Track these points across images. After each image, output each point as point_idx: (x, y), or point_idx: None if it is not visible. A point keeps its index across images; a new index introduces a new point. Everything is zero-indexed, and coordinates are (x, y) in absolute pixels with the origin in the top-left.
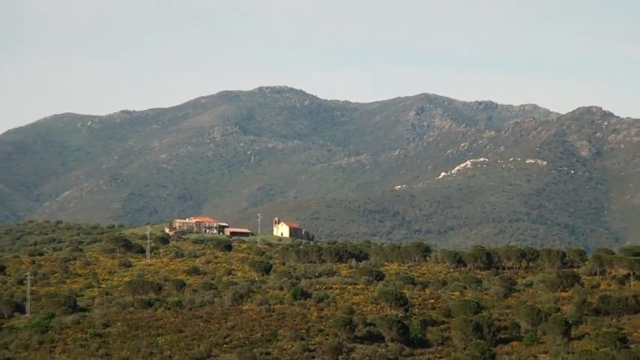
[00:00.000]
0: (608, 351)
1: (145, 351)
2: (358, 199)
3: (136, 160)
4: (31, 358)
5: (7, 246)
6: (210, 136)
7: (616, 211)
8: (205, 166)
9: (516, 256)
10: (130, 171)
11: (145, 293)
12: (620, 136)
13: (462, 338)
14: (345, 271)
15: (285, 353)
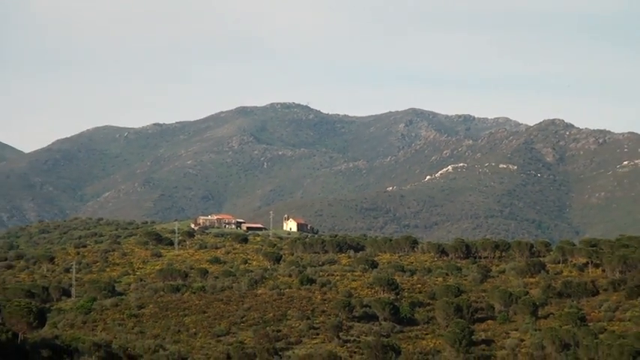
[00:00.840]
0: (570, 328)
1: (174, 329)
2: (356, 198)
3: (165, 166)
4: (76, 336)
5: (56, 239)
6: (229, 145)
7: (576, 209)
8: (225, 170)
9: (491, 247)
10: (161, 175)
11: (174, 279)
12: (580, 144)
13: (445, 317)
14: (345, 261)
15: (293, 331)
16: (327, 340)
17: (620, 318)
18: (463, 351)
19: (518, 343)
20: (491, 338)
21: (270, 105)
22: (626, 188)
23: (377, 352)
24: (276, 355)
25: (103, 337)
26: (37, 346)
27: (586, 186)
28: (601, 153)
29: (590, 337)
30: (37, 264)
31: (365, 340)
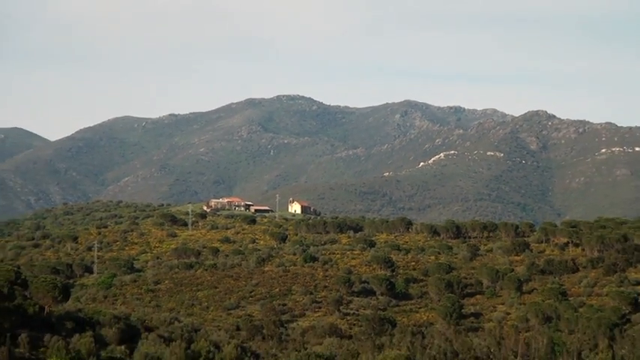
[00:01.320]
0: (552, 303)
1: (188, 303)
2: (355, 183)
3: (180, 153)
4: (98, 309)
5: (79, 220)
6: (238, 134)
7: (558, 193)
8: (235, 157)
9: (479, 228)
10: (176, 161)
11: (187, 257)
12: (561, 134)
13: (437, 292)
14: (345, 240)
15: (297, 304)
16: (328, 313)
17: (598, 293)
18: (454, 323)
19: (505, 316)
20: (480, 312)
21: (277, 97)
22: (604, 174)
23: (374, 325)
24: (281, 327)
25: (122, 311)
26: (61, 318)
27: (567, 172)
28: (581, 141)
29: (570, 311)
30: (62, 243)
31: (363, 314)
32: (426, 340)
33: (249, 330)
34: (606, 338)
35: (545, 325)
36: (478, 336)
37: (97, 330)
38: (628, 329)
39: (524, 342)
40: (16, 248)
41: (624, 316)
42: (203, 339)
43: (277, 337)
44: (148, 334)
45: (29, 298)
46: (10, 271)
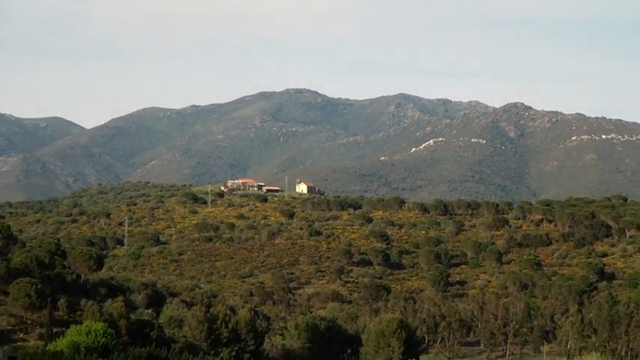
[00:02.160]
0: (528, 272)
1: (207, 271)
2: (355, 166)
3: (200, 140)
4: (128, 277)
5: (111, 199)
6: (252, 122)
7: (533, 175)
8: (249, 143)
9: (464, 206)
10: (197, 147)
11: (207, 232)
12: (537, 123)
13: (427, 263)
14: (346, 217)
15: (304, 273)
16: (331, 281)
17: (568, 264)
18: (441, 290)
19: (486, 283)
20: (464, 280)
21: (286, 90)
22: (574, 159)
23: (371, 291)
24: (289, 293)
25: (149, 278)
26: (96, 285)
27: (541, 157)
28: (554, 130)
29: (544, 280)
30: (96, 219)
31: (362, 281)
32: (417, 305)
33: (261, 296)
34: (576, 303)
35: (522, 292)
36: (463, 301)
37: (127, 295)
38: (595, 295)
39: (503, 307)
40: (56, 223)
41: (592, 284)
42: (221, 303)
43: (286, 302)
44: (172, 299)
45: (68, 267)
46: (51, 244)
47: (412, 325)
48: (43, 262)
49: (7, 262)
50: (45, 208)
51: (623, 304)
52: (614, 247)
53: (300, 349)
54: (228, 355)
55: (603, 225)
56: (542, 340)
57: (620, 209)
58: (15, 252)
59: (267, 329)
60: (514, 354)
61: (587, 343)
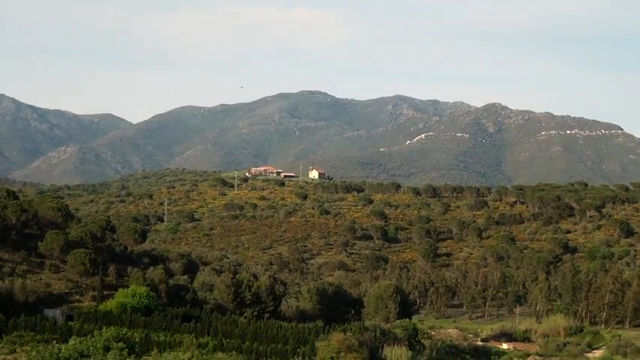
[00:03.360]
0: (504, 246)
1: (234, 244)
2: (358, 156)
3: (228, 133)
4: (167, 248)
5: (154, 183)
6: (272, 119)
7: (509, 164)
8: (269, 136)
9: (450, 190)
10: (226, 139)
11: (234, 210)
12: (512, 120)
13: (418, 237)
14: (351, 198)
15: (315, 246)
16: (338, 252)
17: (538, 239)
18: (431, 260)
19: (468, 255)
20: (450, 252)
21: (301, 92)
22: (543, 150)
23: (372, 261)
24: (303, 263)
25: (185, 250)
26: (140, 255)
27: (515, 149)
28: (526, 126)
29: (517, 252)
30: (141, 199)
31: (364, 253)
32: (410, 273)
33: (279, 265)
34: (544, 272)
35: (499, 263)
36: (449, 270)
37: (167, 264)
38: (560, 266)
39: (483, 275)
40: (107, 203)
41: (557, 256)
42: (245, 271)
43: (300, 270)
44: (204, 267)
45: (116, 240)
46: (102, 220)
47: (406, 290)
48: (95, 235)
49: (66, 235)
50: (97, 191)
51: (583, 273)
52: (576, 225)
53: (311, 310)
54: (251, 314)
55: (567, 206)
56: (516, 304)
57: (582, 193)
58: (72, 227)
59: (284, 293)
60: (491, 315)
61: (553, 306)
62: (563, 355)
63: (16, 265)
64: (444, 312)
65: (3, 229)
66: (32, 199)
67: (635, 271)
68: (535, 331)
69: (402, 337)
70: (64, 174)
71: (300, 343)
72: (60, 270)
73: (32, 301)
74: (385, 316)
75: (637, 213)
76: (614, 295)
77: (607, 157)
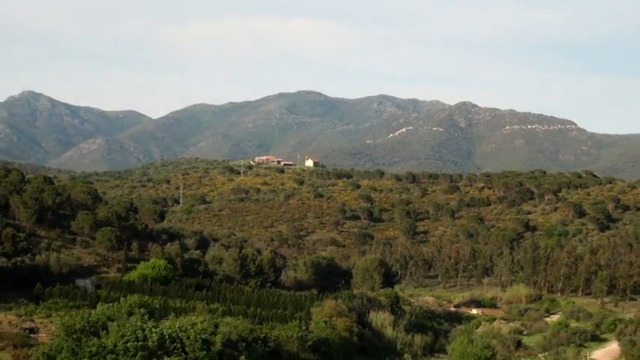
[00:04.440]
0: (473, 225)
1: (240, 223)
2: (348, 147)
3: (236, 127)
4: (182, 227)
5: (171, 170)
6: (273, 115)
7: (478, 154)
8: (271, 130)
9: (427, 177)
10: (233, 132)
11: (240, 194)
12: (480, 116)
13: (400, 218)
14: (341, 184)
15: (310, 225)
16: (330, 230)
17: (502, 219)
18: (410, 238)
19: (443, 233)
20: (427, 230)
21: (298, 91)
22: (507, 143)
23: (359, 238)
24: (300, 239)
25: (198, 228)
26: (159, 232)
27: (484, 141)
28: (493, 122)
29: (485, 230)
30: (159, 184)
31: (352, 231)
32: (392, 248)
33: (279, 241)
34: (508, 248)
35: (469, 239)
36: (426, 246)
37: (182, 240)
38: (522, 242)
39: (455, 250)
40: (130, 187)
41: (519, 234)
42: (249, 246)
43: (297, 246)
44: (215, 243)
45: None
46: (126, 202)
47: (389, 263)
48: (120, 215)
49: (95, 215)
50: (122, 177)
51: (542, 248)
52: (536, 207)
53: (307, 280)
54: (255, 284)
55: (528, 191)
56: (483, 275)
57: (541, 179)
58: (100, 208)
59: (284, 265)
60: (462, 284)
61: (516, 277)
62: (525, 319)
63: (51, 241)
64: (422, 282)
65: (40, 210)
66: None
67: (586, 247)
68: (500, 299)
69: (385, 304)
70: (93, 162)
71: (298, 308)
72: (89, 245)
73: (65, 273)
74: (371, 285)
75: (588, 197)
76: (569, 267)
77: (562, 148)
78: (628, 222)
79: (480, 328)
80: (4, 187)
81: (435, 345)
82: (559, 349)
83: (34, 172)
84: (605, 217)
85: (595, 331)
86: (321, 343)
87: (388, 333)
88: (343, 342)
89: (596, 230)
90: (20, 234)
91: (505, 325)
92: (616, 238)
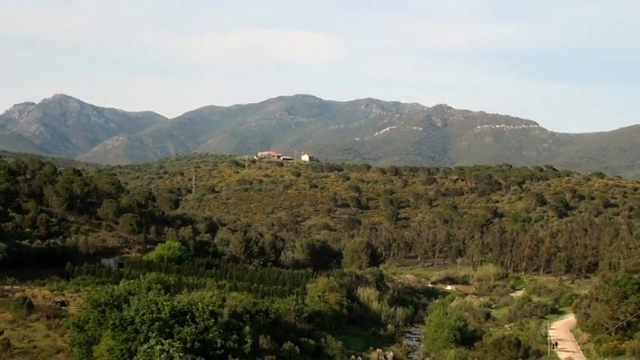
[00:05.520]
0: (449, 212)
1: (245, 210)
2: (339, 144)
3: (242, 126)
4: (194, 213)
5: (184, 164)
6: (274, 115)
7: (452, 150)
8: (272, 129)
9: (408, 170)
10: (239, 130)
11: (245, 185)
12: (454, 117)
13: (384, 206)
14: (333, 176)
15: (306, 212)
16: (323, 216)
17: (474, 207)
18: (393, 223)
19: (422, 219)
20: (408, 216)
21: (295, 95)
22: (478, 140)
23: (349, 223)
24: (297, 224)
25: (208, 214)
26: (174, 218)
27: (457, 139)
28: (466, 122)
29: (458, 217)
30: (174, 176)
31: (343, 217)
32: (378, 232)
33: (279, 225)
34: (478, 232)
35: (445, 225)
36: (407, 230)
37: (194, 225)
38: (490, 227)
39: (432, 234)
40: (149, 179)
41: (488, 220)
42: (253, 230)
43: (294, 230)
44: (222, 227)
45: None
46: (145, 192)
47: (374, 245)
48: (140, 203)
49: (118, 203)
50: (141, 169)
51: (508, 233)
52: (503, 197)
53: (303, 260)
54: (258, 263)
55: (496, 182)
56: (457, 256)
57: (507, 172)
58: (122, 197)
59: (283, 247)
60: (439, 264)
61: (486, 257)
62: (493, 294)
63: (80, 225)
64: (403, 262)
65: (70, 198)
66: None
67: (547, 232)
68: (472, 276)
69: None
70: (116, 157)
71: (295, 285)
72: (113, 229)
73: (92, 253)
74: (359, 265)
75: (549, 188)
76: (531, 249)
77: (526, 145)
78: (583, 210)
79: (454, 302)
80: (38, 178)
81: (415, 317)
82: (523, 321)
83: (65, 166)
84: (564, 206)
85: (554, 304)
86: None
87: (374, 306)
88: (335, 314)
89: (555, 217)
90: (53, 219)
91: (476, 300)
92: (573, 224)
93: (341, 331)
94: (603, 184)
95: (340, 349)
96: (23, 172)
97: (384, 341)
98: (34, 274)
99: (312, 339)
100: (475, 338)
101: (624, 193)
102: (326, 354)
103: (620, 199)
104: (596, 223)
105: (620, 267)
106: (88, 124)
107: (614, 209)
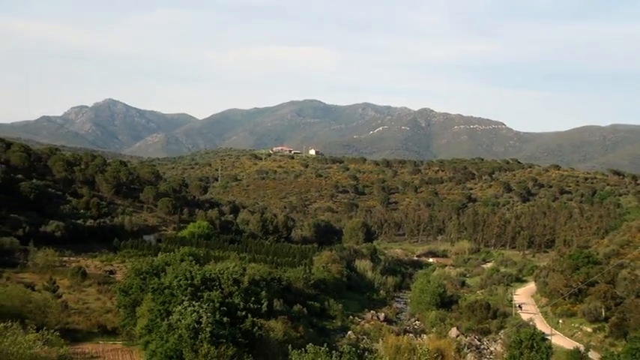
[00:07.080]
0: (431, 197)
1: (262, 195)
2: (339, 141)
3: (259, 126)
4: (220, 197)
5: (212, 156)
6: (286, 117)
7: (434, 147)
8: (285, 128)
9: (398, 162)
10: (257, 130)
11: (262, 174)
12: (436, 119)
13: (378, 192)
14: (335, 167)
15: (312, 196)
16: (327, 201)
17: (452, 193)
18: (385, 206)
19: (409, 203)
20: (397, 201)
21: (304, 100)
22: (456, 138)
23: (348, 206)
24: (305, 207)
25: (231, 198)
26: (203, 201)
27: (438, 137)
28: (445, 122)
29: (439, 201)
30: (204, 167)
31: (343, 201)
32: (372, 214)
33: (290, 208)
34: (455, 214)
35: (428, 208)
36: (396, 212)
37: (220, 207)
38: (465, 210)
39: (417, 215)
40: (182, 169)
41: (464, 204)
42: (269, 212)
43: (303, 212)
44: (243, 209)
45: (188, 192)
46: (179, 180)
47: (369, 224)
48: (175, 189)
49: (157, 189)
50: (176, 161)
51: (480, 214)
52: (476, 185)
53: (310, 236)
54: (272, 239)
55: (470, 173)
56: (438, 233)
57: (480, 164)
58: (160, 184)
59: (293, 225)
60: (423, 240)
61: (461, 235)
62: (468, 266)
63: (125, 207)
64: (393, 238)
65: (117, 185)
66: (135, 166)
67: (512, 214)
68: (450, 251)
69: (366, 254)
70: (155, 151)
71: (303, 257)
72: (153, 211)
73: (135, 230)
74: (356, 241)
75: (514, 177)
76: (499, 228)
77: (495, 142)
78: (543, 196)
79: (435, 272)
80: (91, 168)
81: (402, 284)
82: (492, 288)
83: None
84: (526, 192)
85: (518, 274)
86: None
87: (369, 275)
88: (336, 281)
89: (519, 202)
90: (103, 202)
91: (453, 270)
92: (534, 208)
93: (341, 296)
94: (559, 175)
95: (340, 310)
96: (78, 164)
97: (377, 304)
98: (87, 248)
99: (317, 302)
100: (452, 302)
101: (577, 182)
102: (329, 314)
103: (574, 187)
104: (554, 207)
105: (573, 243)
106: (132, 123)
107: (568, 195)
